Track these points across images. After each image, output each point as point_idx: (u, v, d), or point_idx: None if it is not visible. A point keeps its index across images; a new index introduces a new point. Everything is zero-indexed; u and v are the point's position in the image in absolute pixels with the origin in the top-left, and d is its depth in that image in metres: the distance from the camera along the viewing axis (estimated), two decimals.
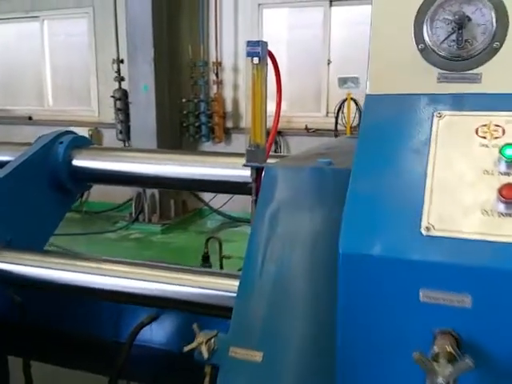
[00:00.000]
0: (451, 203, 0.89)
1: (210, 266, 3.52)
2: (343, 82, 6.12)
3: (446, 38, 0.99)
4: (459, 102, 0.98)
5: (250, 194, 1.67)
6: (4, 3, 8.82)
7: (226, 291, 1.67)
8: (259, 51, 1.28)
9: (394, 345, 0.89)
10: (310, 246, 1.25)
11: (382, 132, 1.01)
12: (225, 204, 7.53)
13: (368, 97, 1.05)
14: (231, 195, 7.28)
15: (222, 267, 3.31)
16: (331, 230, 1.24)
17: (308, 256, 1.25)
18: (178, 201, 7.83)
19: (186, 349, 1.20)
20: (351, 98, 6.49)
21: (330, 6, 7.02)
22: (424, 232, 0.88)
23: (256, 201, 1.41)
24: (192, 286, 1.74)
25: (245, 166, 1.41)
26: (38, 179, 2.37)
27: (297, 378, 1.15)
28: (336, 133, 6.91)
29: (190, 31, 7.66)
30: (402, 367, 0.89)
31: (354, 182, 0.97)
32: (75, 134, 2.54)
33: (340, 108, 6.77)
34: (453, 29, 0.98)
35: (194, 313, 2.01)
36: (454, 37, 0.98)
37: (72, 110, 8.85)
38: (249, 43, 1.30)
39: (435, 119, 0.97)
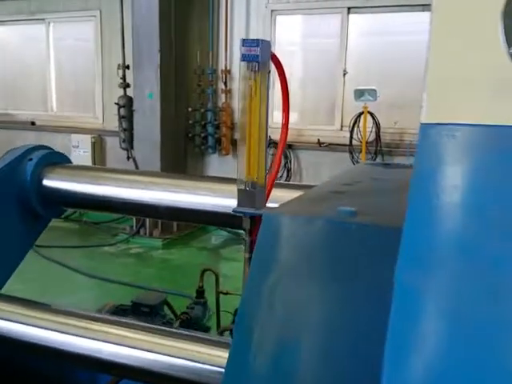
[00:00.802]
0: None
1: (205, 302, 3.13)
2: (360, 94, 5.73)
3: None
4: None
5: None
6: (9, 4, 8.58)
7: (213, 365, 1.29)
8: (258, 54, 0.90)
9: None
10: (321, 339, 0.86)
11: (449, 183, 0.62)
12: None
13: (424, 127, 0.66)
14: None
15: (218, 304, 2.93)
16: (354, 316, 0.85)
17: (317, 354, 0.86)
18: None
19: None
20: (368, 112, 6.09)
21: (348, 13, 6.65)
22: None
23: (250, 259, 1.02)
24: (171, 355, 1.34)
25: (235, 212, 1.02)
26: (2, 201, 2.01)
27: None
28: (351, 148, 6.52)
29: (199, 37, 7.33)
30: None
31: (403, 271, 0.58)
32: (49, 148, 2.18)
33: (355, 122, 6.37)
34: None
35: None
36: None
37: (76, 116, 8.56)
38: (245, 42, 0.91)
39: None
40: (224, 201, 1.66)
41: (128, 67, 7.37)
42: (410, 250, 0.61)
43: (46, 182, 2.06)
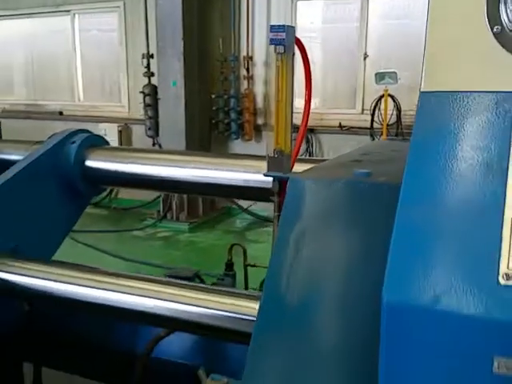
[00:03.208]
0: None
1: (233, 274, 3.32)
2: (381, 77, 5.80)
3: None
4: None
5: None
6: None
7: (245, 315, 1.46)
8: (284, 38, 1.05)
9: None
10: (341, 276, 1.02)
11: (441, 141, 0.77)
12: (254, 203, 7.31)
13: (423, 95, 0.81)
14: None
15: (246, 276, 3.11)
16: (369, 258, 1.01)
17: (339, 289, 1.02)
18: (207, 199, 7.67)
19: None
20: (389, 95, 6.17)
21: None
22: (503, 281, 0.64)
23: (279, 217, 1.18)
24: (209, 308, 1.53)
25: (266, 175, 1.19)
26: (48, 181, 2.21)
27: None
28: (372, 131, 6.60)
29: (221, 25, 7.46)
30: None
31: (403, 207, 0.73)
32: (89, 132, 2.37)
33: (376, 105, 6.45)
34: None
35: (210, 336, 1.82)
36: None
37: (102, 106, 8.80)
38: (272, 28, 1.07)
39: None
40: (253, 176, 1.82)
41: (152, 56, 7.57)
42: (408, 196, 0.76)
43: (88, 163, 2.25)
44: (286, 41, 1.07)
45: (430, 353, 0.68)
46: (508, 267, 0.65)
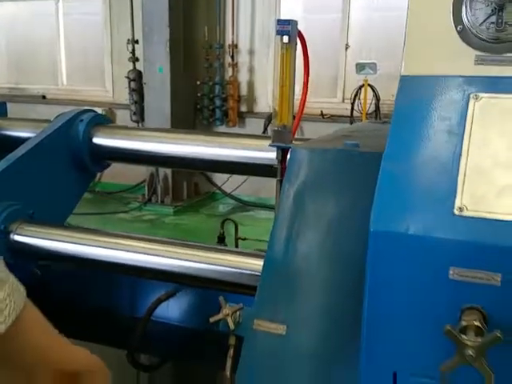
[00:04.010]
0: (485, 184, 0.89)
1: (225, 246, 3.54)
2: (361, 67, 6.06)
3: (485, 20, 0.98)
4: (496, 85, 0.97)
5: (267, 175, 1.68)
6: None
7: (245, 269, 1.69)
8: (289, 30, 1.28)
9: (421, 319, 0.91)
10: (335, 227, 1.26)
11: (416, 113, 1.00)
12: (237, 188, 7.54)
13: (403, 78, 1.04)
14: (243, 179, 7.32)
15: (237, 247, 3.34)
16: (357, 212, 1.25)
17: (333, 236, 1.26)
18: (191, 183, 7.86)
19: (212, 320, 1.23)
20: (368, 85, 6.43)
21: None
22: (457, 212, 0.88)
23: (281, 182, 1.41)
24: (212, 264, 1.76)
25: (271, 146, 1.42)
26: (59, 156, 2.40)
27: (319, 351, 1.17)
28: (352, 119, 6.87)
29: (207, 13, 7.60)
30: (428, 341, 0.90)
31: (387, 161, 0.97)
32: (95, 112, 2.56)
33: (357, 94, 6.71)
34: (492, 10, 0.97)
35: (213, 289, 2.04)
36: (493, 19, 0.97)
37: (86, 90, 8.84)
38: (279, 22, 1.30)
39: (471, 101, 0.97)
40: (251, 153, 2.05)
41: (137, 42, 7.67)
42: (390, 153, 1.00)
43: (95, 140, 2.44)
44: (290, 32, 1.29)
45: (404, 268, 0.92)
46: (461, 203, 0.89)
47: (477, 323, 0.84)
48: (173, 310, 2.41)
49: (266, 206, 6.96)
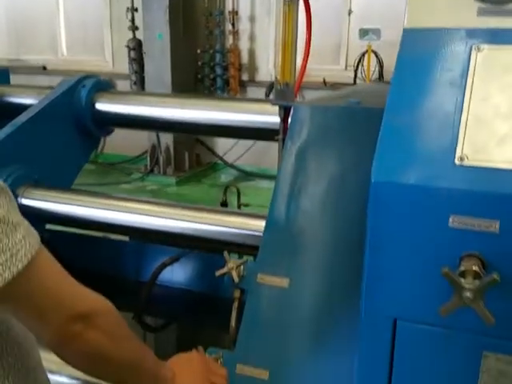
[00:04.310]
0: (486, 134, 0.91)
1: None
2: (364, 33, 5.99)
3: None
4: (498, 37, 0.98)
5: (273, 139, 1.68)
6: None
7: (248, 230, 1.72)
8: None
9: (421, 267, 0.93)
10: (337, 182, 1.28)
11: (418, 66, 1.01)
12: (239, 158, 7.55)
13: (405, 31, 1.05)
14: (245, 149, 7.31)
15: None
16: (360, 167, 1.27)
17: (335, 192, 1.28)
18: (192, 154, 7.86)
19: (218, 273, 1.26)
20: (372, 51, 6.36)
21: None
22: (457, 162, 0.90)
23: (283, 140, 1.43)
24: (216, 225, 1.79)
25: (273, 104, 1.43)
26: (62, 122, 2.40)
27: (321, 302, 1.21)
28: None
29: None
30: (428, 288, 0.94)
31: (388, 113, 0.99)
32: (97, 77, 2.55)
33: (360, 61, 6.64)
34: None
35: (216, 251, 2.07)
36: None
37: (86, 60, 8.77)
38: None
39: (473, 53, 0.97)
40: (255, 117, 2.06)
41: (136, 10, 7.57)
42: (392, 104, 1.01)
43: (98, 106, 2.44)
44: None
45: (405, 217, 0.94)
46: (462, 152, 0.90)
47: (475, 268, 0.87)
48: (177, 274, 2.46)
49: (268, 176, 6.97)
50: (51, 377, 1.08)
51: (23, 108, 2.37)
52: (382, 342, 1.01)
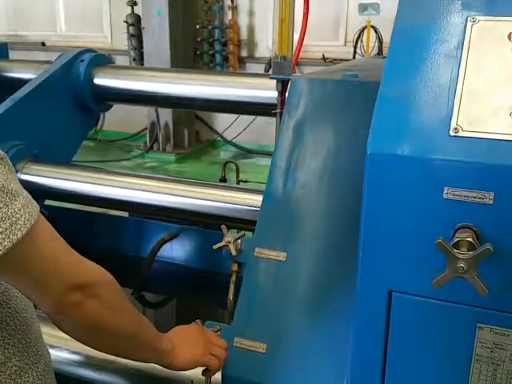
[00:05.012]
0: (481, 106, 0.91)
1: None
2: (364, 7, 5.92)
3: None
4: (494, 8, 0.97)
5: (269, 115, 1.68)
6: None
7: (246, 205, 1.73)
8: None
9: (416, 239, 0.95)
10: (334, 155, 1.29)
11: (413, 37, 1.01)
12: (238, 135, 7.53)
13: (401, 1, 1.05)
14: (244, 126, 7.28)
15: None
16: (356, 139, 1.27)
17: (332, 165, 1.29)
18: (192, 131, 7.84)
19: (215, 247, 1.27)
20: (371, 26, 6.29)
21: None
22: (452, 133, 0.90)
23: (281, 114, 1.43)
24: (214, 200, 1.80)
25: (271, 78, 1.42)
26: (61, 97, 2.40)
27: (318, 275, 1.23)
28: None
29: None
30: (423, 260, 0.95)
31: (384, 85, 0.99)
32: (96, 52, 2.53)
33: (359, 36, 6.58)
34: None
35: (214, 226, 2.09)
36: None
37: (85, 36, 8.69)
38: None
39: (469, 24, 0.97)
40: (255, 92, 2.05)
41: None
42: (388, 75, 1.01)
43: (97, 80, 2.43)
44: None
45: (400, 189, 0.95)
46: (457, 123, 0.91)
47: (469, 239, 0.88)
48: (176, 250, 2.48)
49: (267, 153, 6.96)
50: (51, 351, 1.09)
51: (22, 82, 2.36)
52: (377, 313, 1.03)
